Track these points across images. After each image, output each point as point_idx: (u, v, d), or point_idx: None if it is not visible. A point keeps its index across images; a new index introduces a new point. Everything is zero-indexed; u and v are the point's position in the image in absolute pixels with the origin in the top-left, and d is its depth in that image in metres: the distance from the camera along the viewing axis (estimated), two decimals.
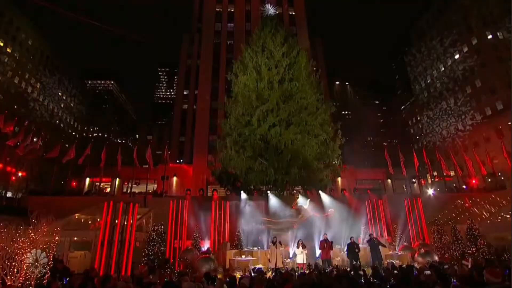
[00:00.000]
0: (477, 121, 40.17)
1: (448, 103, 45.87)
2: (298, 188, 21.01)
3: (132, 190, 23.95)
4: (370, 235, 11.79)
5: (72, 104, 57.97)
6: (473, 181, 23.64)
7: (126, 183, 24.88)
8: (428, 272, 4.82)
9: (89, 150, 20.38)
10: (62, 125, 53.79)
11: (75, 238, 12.46)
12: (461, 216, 16.10)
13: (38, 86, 47.18)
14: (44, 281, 6.52)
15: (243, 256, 11.66)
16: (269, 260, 10.84)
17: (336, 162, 21.00)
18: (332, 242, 11.35)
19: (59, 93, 52.99)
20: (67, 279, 7.07)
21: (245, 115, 21.04)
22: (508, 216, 14.43)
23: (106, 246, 7.70)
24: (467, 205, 17.69)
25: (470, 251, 12.85)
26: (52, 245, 7.54)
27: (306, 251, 11.16)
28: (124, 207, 8.04)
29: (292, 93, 20.69)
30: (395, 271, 6.92)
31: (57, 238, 8.20)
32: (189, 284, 5.08)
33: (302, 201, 16.14)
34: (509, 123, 33.53)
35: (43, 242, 7.54)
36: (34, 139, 20.84)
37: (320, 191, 19.93)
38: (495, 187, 23.21)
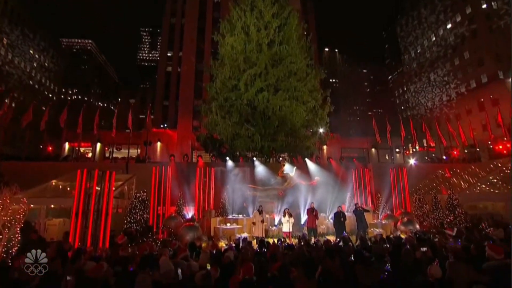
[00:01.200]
0: (461, 93, 40.45)
1: (435, 74, 45.72)
2: (284, 155, 20.83)
3: (114, 156, 23.08)
4: (355, 204, 11.79)
5: (46, 64, 54.01)
6: (454, 152, 24.10)
7: (107, 149, 23.86)
8: (424, 248, 4.56)
9: (66, 113, 19.06)
10: (36, 86, 50.42)
11: (52, 206, 11.83)
12: (441, 186, 16.43)
13: (4, 43, 43.08)
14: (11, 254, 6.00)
15: (228, 224, 11.47)
16: (253, 223, 10.55)
17: (324, 130, 20.69)
18: (317, 211, 11.26)
19: (31, 51, 48.91)
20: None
21: (231, 79, 20.00)
22: (484, 186, 14.77)
23: (81, 217, 7.14)
24: (447, 175, 18.06)
25: (448, 220, 13.20)
26: (21, 213, 6.91)
27: (292, 220, 11.05)
28: (100, 174, 7.38)
29: (281, 57, 19.64)
30: (386, 245, 6.78)
31: (31, 206, 7.57)
32: (166, 262, 4.66)
33: (289, 169, 15.91)
34: (491, 96, 33.85)
35: (12, 211, 6.91)
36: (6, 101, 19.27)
37: (306, 159, 19.87)
38: (473, 159, 23.79)
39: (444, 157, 26.49)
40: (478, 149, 25.93)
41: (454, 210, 13.12)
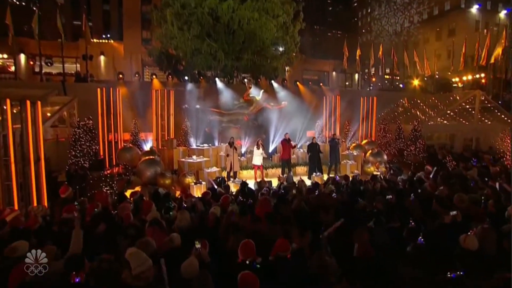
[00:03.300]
0: (423, 20, 39.36)
1: None
2: (247, 76, 18.89)
3: (46, 71, 18.64)
4: (333, 135, 11.06)
5: None
6: (415, 82, 24.25)
7: (32, 63, 18.88)
8: (454, 212, 3.74)
9: None
10: None
11: None
12: (403, 116, 16.51)
13: None
14: None
15: (194, 157, 10.06)
16: (227, 155, 9.26)
17: (294, 49, 18.65)
18: (292, 142, 10.31)
19: None
20: None
21: None
22: (442, 119, 15.04)
23: None
24: (406, 104, 18.16)
25: (409, 150, 13.48)
26: None
27: (265, 153, 10.02)
28: (17, 105, 4.96)
29: None
30: (379, 184, 6.02)
31: None
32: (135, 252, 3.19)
33: (255, 92, 14.28)
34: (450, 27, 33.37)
35: None
36: None
37: (273, 82, 18.27)
38: (435, 89, 24.26)
39: (401, 85, 26.80)
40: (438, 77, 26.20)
41: (416, 141, 13.30)
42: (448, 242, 3.58)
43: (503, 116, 14.42)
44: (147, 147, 11.68)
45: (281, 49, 18.51)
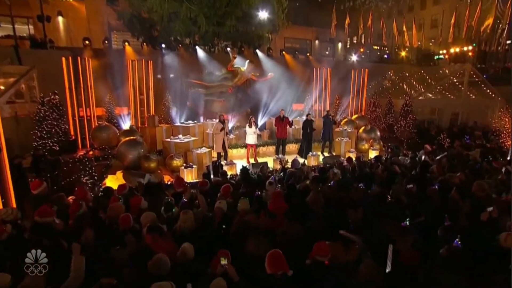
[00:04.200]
0: None
1: None
2: (229, 44, 17.76)
3: None
4: (327, 111, 10.66)
5: None
6: (402, 53, 24.07)
7: None
8: (490, 208, 3.52)
9: None
10: None
11: None
12: (392, 90, 16.40)
13: None
14: None
15: (181, 136, 9.28)
16: (222, 129, 8.59)
17: (281, 16, 17.54)
18: (288, 118, 9.80)
19: None
20: None
21: None
22: (431, 94, 15.08)
23: None
24: (394, 77, 18.04)
25: (399, 124, 13.52)
26: None
27: (258, 131, 9.47)
28: None
29: None
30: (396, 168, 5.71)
31: None
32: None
33: (240, 62, 13.40)
34: None
35: None
36: None
37: (258, 51, 17.29)
38: (417, 60, 24.26)
39: (385, 56, 26.60)
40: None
41: (406, 116, 13.32)
42: (485, 242, 3.40)
43: (488, 90, 14.72)
44: (125, 125, 10.67)
45: (267, 14, 17.33)
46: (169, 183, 7.01)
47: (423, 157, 7.17)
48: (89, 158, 7.60)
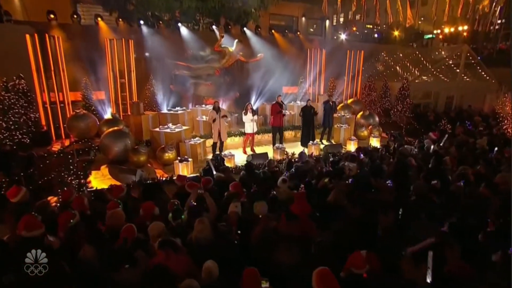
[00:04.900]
0: None
1: None
2: (212, 21, 16.95)
3: None
4: (329, 96, 10.41)
5: None
6: (397, 32, 23.98)
7: None
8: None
9: None
10: None
11: None
12: (387, 72, 16.37)
13: None
14: None
15: (171, 125, 8.72)
16: (224, 116, 8.14)
17: None
18: (285, 105, 9.47)
19: None
20: None
21: None
22: (424, 77, 15.13)
23: None
24: (386, 58, 17.98)
25: (396, 109, 13.59)
26: None
27: (256, 118, 9.09)
28: None
29: None
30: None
31: None
32: None
33: (228, 42, 12.84)
34: None
35: None
36: None
37: (245, 29, 16.60)
38: (405, 39, 24.33)
39: (376, 35, 26.48)
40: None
41: (403, 100, 13.38)
42: None
43: (483, 73, 15.01)
44: (105, 112, 9.93)
45: None
46: (163, 179, 6.62)
47: (432, 146, 7.15)
48: (71, 151, 6.98)
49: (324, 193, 4.58)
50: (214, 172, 5.65)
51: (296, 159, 6.48)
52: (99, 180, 6.66)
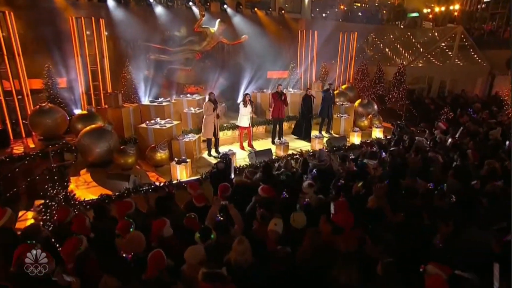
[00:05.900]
0: None
1: None
2: None
3: None
4: (330, 84, 10.22)
5: None
6: (384, 12, 24.14)
7: None
8: None
9: None
10: None
11: None
12: (378, 55, 16.51)
13: None
14: None
15: (159, 120, 8.10)
16: (212, 109, 7.68)
17: None
18: (286, 95, 9.16)
19: None
20: None
21: None
22: (421, 62, 15.42)
23: None
24: (376, 39, 18.13)
25: (391, 95, 13.81)
26: None
27: (254, 110, 8.75)
28: None
29: None
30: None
31: None
32: None
33: (208, 22, 12.35)
34: None
35: None
36: None
37: (225, 6, 15.94)
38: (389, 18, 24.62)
39: (359, 13, 26.50)
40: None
41: (399, 86, 13.59)
42: None
43: (475, 56, 15.59)
44: (75, 106, 9.07)
45: None
46: (161, 184, 6.19)
47: (450, 140, 7.23)
48: (46, 153, 6.23)
49: (358, 198, 4.47)
50: (232, 176, 5.31)
51: (309, 157, 6.29)
52: (84, 188, 6.07)
